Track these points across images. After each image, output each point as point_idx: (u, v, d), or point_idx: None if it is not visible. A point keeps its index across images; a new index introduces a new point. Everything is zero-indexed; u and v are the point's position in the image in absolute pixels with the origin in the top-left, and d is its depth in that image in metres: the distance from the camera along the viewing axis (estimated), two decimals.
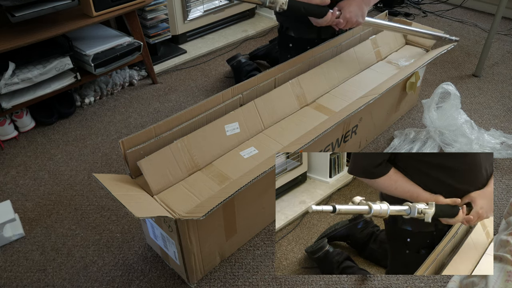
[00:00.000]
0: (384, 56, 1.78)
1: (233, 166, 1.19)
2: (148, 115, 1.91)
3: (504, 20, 2.75)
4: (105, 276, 1.21)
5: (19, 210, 1.42)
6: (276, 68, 1.42)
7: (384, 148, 1.68)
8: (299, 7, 1.29)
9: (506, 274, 0.94)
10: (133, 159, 1.09)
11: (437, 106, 1.65)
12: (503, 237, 1.04)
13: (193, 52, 2.38)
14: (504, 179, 1.54)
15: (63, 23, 1.66)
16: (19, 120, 1.75)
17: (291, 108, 1.41)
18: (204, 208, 0.97)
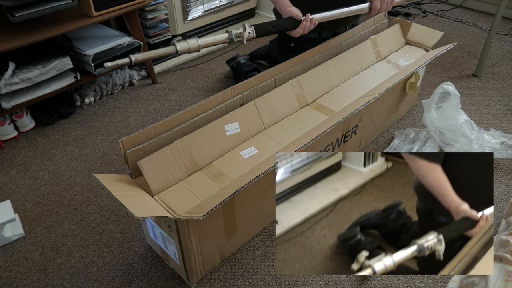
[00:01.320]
0: (384, 56, 1.78)
1: (233, 166, 1.19)
2: (148, 115, 1.91)
3: (504, 20, 2.75)
4: (105, 276, 1.21)
5: (19, 210, 1.42)
6: (276, 68, 1.42)
7: (384, 148, 1.68)
8: (267, 28, 1.29)
9: (506, 274, 0.94)
10: (133, 159, 1.09)
11: (437, 106, 1.65)
12: (503, 237, 1.05)
13: (193, 52, 2.37)
14: (504, 179, 1.54)
15: (63, 23, 1.66)
16: (19, 120, 1.75)
17: (291, 108, 1.41)
18: (204, 208, 0.97)
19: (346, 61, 1.62)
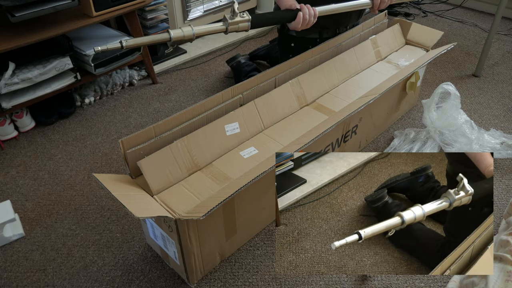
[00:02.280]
0: (384, 56, 1.78)
1: (233, 166, 1.19)
2: (148, 115, 1.91)
3: (504, 20, 2.75)
4: (105, 276, 1.21)
5: (19, 210, 1.42)
6: (276, 68, 1.42)
7: (384, 148, 1.68)
8: (264, 18, 1.24)
9: (506, 274, 0.94)
10: (133, 159, 1.09)
11: (437, 106, 1.65)
12: (503, 237, 1.04)
13: (193, 52, 2.38)
14: (504, 179, 1.54)
15: (63, 23, 1.66)
16: (19, 120, 1.75)
17: (291, 108, 1.41)
18: (204, 208, 0.97)
19: (346, 61, 1.62)
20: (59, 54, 1.70)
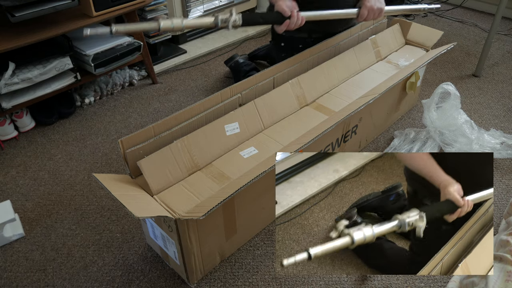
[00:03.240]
0: (384, 56, 1.78)
1: (233, 166, 1.19)
2: (148, 115, 1.91)
3: (504, 20, 2.75)
4: (105, 276, 1.21)
5: (19, 210, 1.42)
6: (275, 68, 1.42)
7: (384, 148, 1.68)
8: (255, 18, 1.29)
9: (506, 274, 0.94)
10: (132, 159, 1.09)
11: (437, 106, 1.65)
12: (503, 237, 1.04)
13: (193, 52, 2.38)
14: (504, 179, 1.54)
15: (63, 23, 1.66)
16: (19, 120, 1.75)
17: (291, 108, 1.41)
18: (204, 208, 0.97)
19: (346, 61, 1.62)
20: (59, 54, 1.70)
